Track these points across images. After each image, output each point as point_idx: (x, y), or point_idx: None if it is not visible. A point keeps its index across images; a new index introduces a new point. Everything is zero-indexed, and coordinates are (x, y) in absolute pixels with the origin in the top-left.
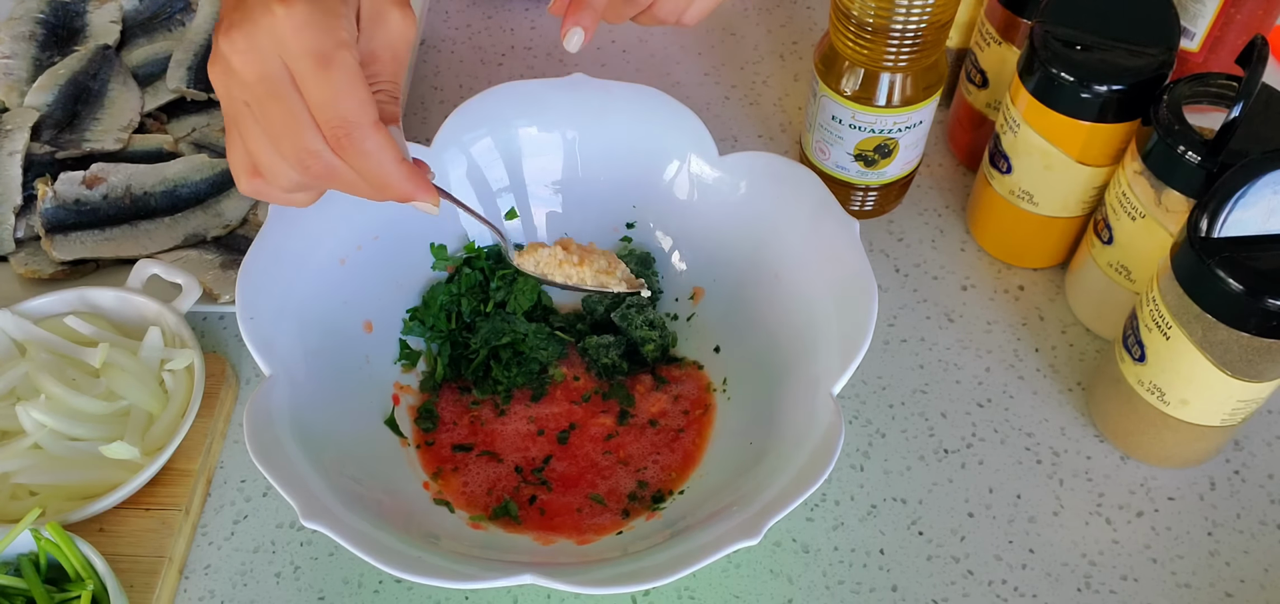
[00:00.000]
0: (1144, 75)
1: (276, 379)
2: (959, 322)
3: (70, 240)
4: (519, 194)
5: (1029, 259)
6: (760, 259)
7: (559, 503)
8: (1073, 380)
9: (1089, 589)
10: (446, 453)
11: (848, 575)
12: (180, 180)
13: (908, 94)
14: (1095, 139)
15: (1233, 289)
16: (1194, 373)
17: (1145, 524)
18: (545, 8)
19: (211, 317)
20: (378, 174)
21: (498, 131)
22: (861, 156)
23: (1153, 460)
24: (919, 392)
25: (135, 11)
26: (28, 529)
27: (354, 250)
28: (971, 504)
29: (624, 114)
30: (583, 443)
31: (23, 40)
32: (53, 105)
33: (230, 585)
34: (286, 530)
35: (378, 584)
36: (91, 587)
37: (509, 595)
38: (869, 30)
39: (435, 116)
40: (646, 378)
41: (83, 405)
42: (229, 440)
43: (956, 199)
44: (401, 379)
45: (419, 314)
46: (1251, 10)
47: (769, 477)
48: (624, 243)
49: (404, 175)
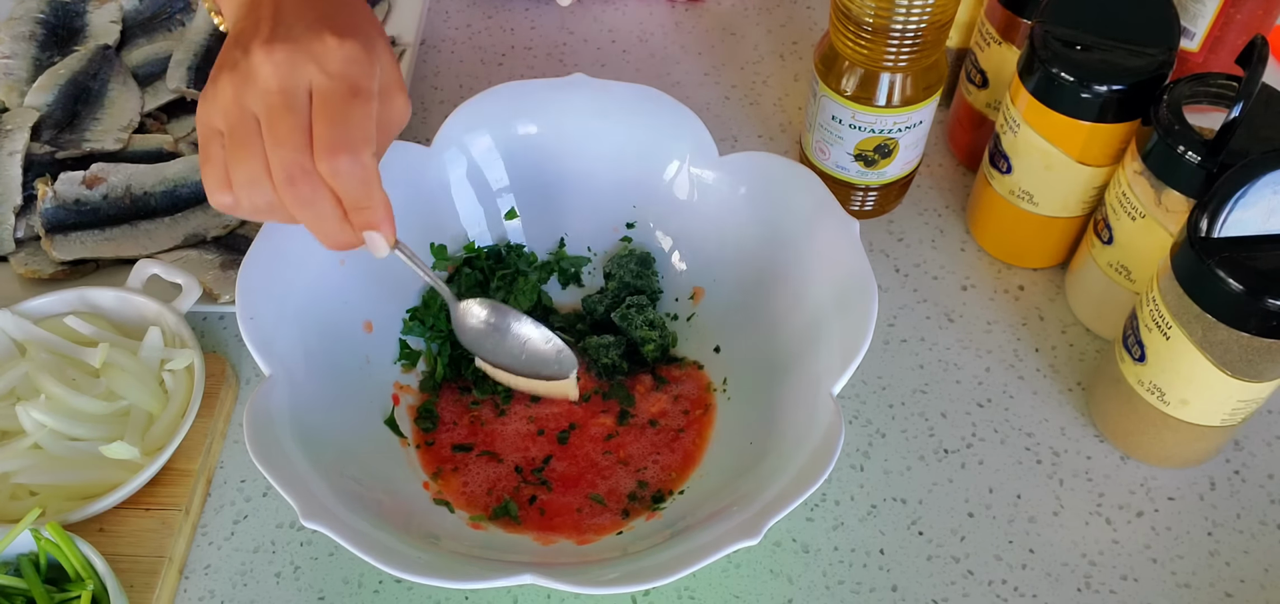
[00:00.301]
0: (1144, 75)
1: (276, 379)
2: (959, 321)
3: (70, 240)
4: (519, 194)
5: (1029, 259)
6: (760, 259)
7: (559, 503)
8: (1073, 380)
9: (1089, 589)
10: (446, 453)
11: (848, 575)
12: (180, 180)
13: (908, 94)
14: (1095, 139)
15: (1233, 289)
16: (1194, 373)
17: (1145, 524)
18: (545, 8)
19: (211, 317)
20: (364, 192)
21: (498, 131)
22: (861, 156)
23: (1153, 460)
24: (919, 392)
25: (135, 11)
26: (28, 529)
27: (354, 250)
28: (971, 504)
29: (624, 114)
30: (583, 443)
31: (23, 40)
32: (53, 105)
33: (230, 585)
34: (286, 530)
35: (378, 584)
36: (91, 587)
37: (509, 595)
38: (869, 30)
39: (435, 116)
40: (646, 378)
41: (83, 405)
42: (229, 440)
43: (956, 199)
44: (401, 379)
45: (419, 314)
46: (1251, 10)
47: (769, 477)
48: (624, 243)
49: (383, 204)
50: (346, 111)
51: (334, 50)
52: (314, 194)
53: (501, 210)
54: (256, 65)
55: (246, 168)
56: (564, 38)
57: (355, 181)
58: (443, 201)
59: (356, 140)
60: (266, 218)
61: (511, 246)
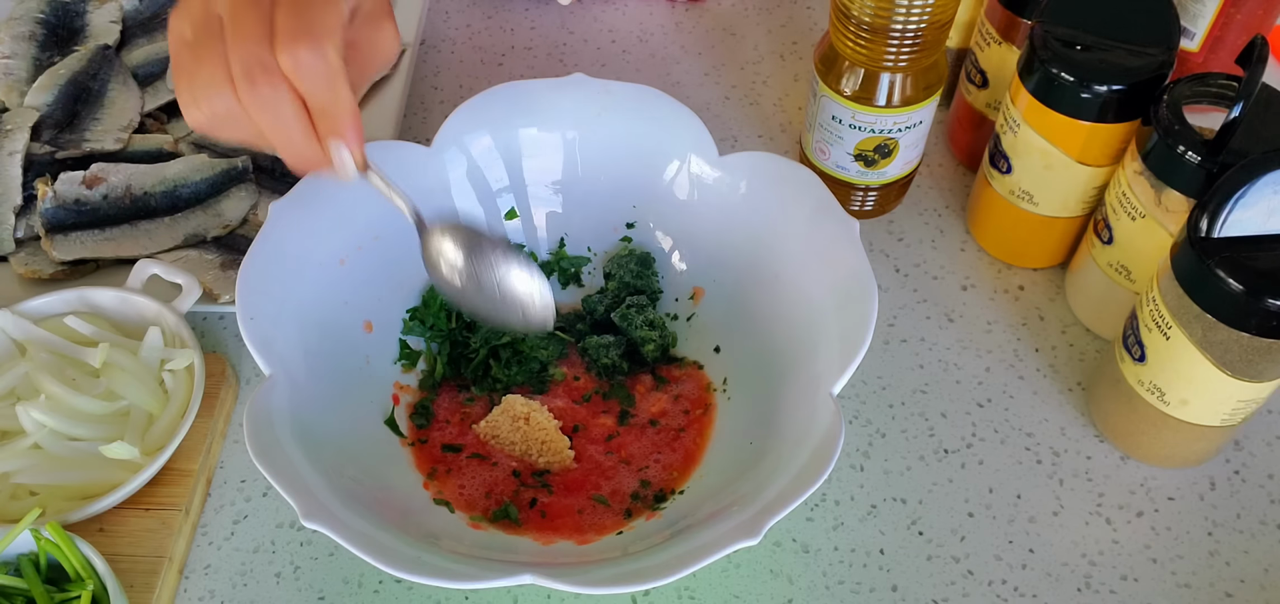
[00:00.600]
0: (1144, 75)
1: (276, 379)
2: (959, 321)
3: (70, 240)
4: (519, 194)
5: (1029, 259)
6: (760, 259)
7: (560, 505)
8: (1073, 380)
9: (1089, 589)
10: (438, 452)
11: (848, 575)
12: (180, 180)
13: (908, 94)
14: (1095, 139)
15: (1233, 289)
16: (1194, 373)
17: (1145, 524)
18: (545, 8)
19: (211, 317)
20: (328, 92)
21: (498, 131)
22: (861, 156)
23: (1153, 460)
24: (919, 392)
25: (135, 11)
26: (28, 529)
27: (354, 250)
28: (971, 504)
29: (624, 114)
30: (584, 444)
31: (23, 40)
32: (53, 105)
33: (230, 585)
34: (286, 530)
35: (378, 584)
36: (91, 587)
37: (509, 595)
38: (868, 30)
39: (435, 116)
40: (647, 378)
41: (83, 405)
42: (229, 440)
43: (956, 199)
44: (402, 379)
45: (419, 314)
46: (1251, 10)
47: (769, 477)
48: (624, 243)
49: (349, 108)
50: (309, 9)
51: None
52: (274, 94)
53: (501, 210)
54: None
55: (207, 70)
56: (564, 38)
57: (318, 77)
58: (443, 202)
59: (319, 30)
60: (231, 131)
61: None
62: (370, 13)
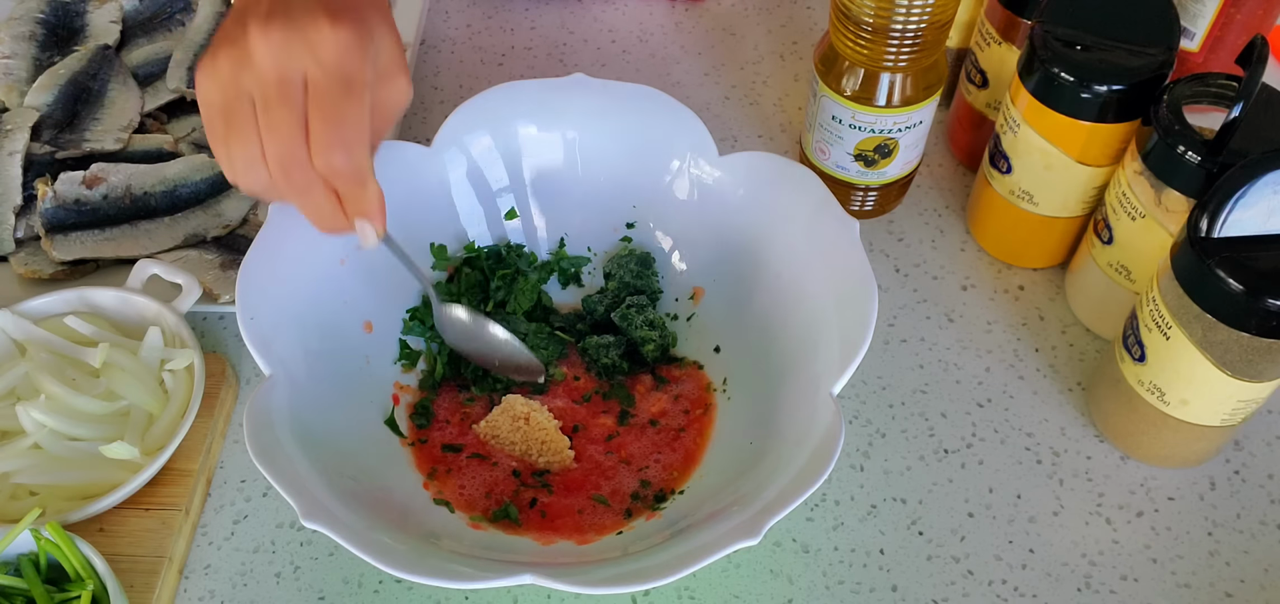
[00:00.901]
0: (1144, 75)
1: (276, 379)
2: (959, 322)
3: (70, 240)
4: (519, 194)
5: (1029, 259)
6: (760, 259)
7: (560, 505)
8: (1073, 380)
9: (1089, 589)
10: (438, 452)
11: (848, 575)
12: (180, 180)
13: (908, 94)
14: (1095, 139)
15: (1233, 289)
16: (1194, 373)
17: (1145, 524)
18: (545, 8)
19: (211, 317)
20: (358, 187)
21: (498, 131)
22: (861, 156)
23: (1153, 460)
24: (919, 392)
25: (135, 11)
26: (28, 529)
27: (354, 250)
28: (971, 504)
29: (624, 114)
30: (584, 444)
31: (23, 40)
32: (53, 105)
33: (230, 585)
34: (286, 530)
35: (378, 584)
36: (91, 587)
37: (509, 595)
38: (869, 30)
39: (435, 116)
40: (647, 378)
41: (83, 405)
42: (229, 440)
43: (956, 199)
44: (401, 379)
45: (419, 314)
46: (1251, 10)
47: (769, 477)
48: (624, 243)
49: (375, 197)
50: (340, 109)
51: (328, 37)
52: (308, 184)
53: (501, 210)
54: (253, 45)
55: (244, 151)
56: (564, 38)
57: (349, 177)
58: (443, 202)
59: (351, 139)
60: (267, 197)
61: (511, 246)
62: (385, 70)
